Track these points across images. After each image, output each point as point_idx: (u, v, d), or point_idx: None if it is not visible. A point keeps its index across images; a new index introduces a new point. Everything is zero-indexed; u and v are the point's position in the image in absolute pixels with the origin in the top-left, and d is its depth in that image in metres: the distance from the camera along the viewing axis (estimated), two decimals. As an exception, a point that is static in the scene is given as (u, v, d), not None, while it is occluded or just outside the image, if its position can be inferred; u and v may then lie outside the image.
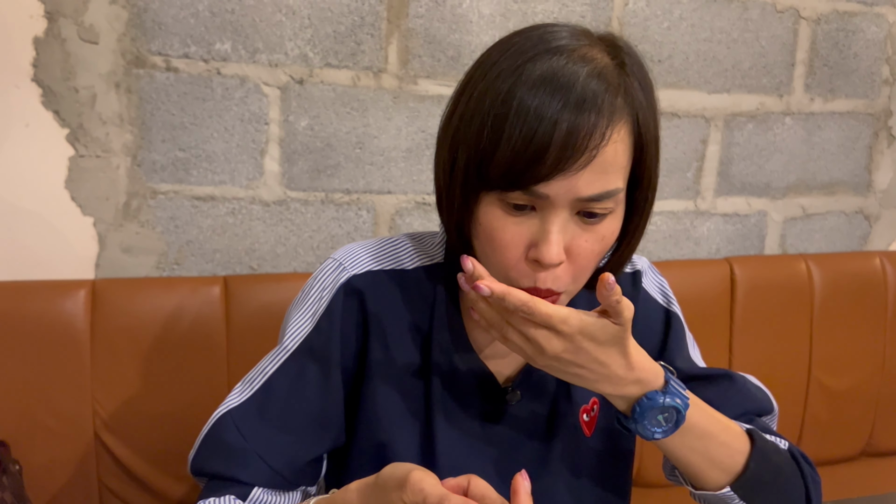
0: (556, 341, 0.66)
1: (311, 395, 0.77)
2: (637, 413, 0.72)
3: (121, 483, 1.29)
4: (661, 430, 0.73)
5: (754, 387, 0.89)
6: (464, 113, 0.69)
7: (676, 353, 0.87)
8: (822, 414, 1.74)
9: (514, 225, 0.67)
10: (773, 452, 0.81)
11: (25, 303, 1.24)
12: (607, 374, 0.69)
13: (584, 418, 0.86)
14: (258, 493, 0.74)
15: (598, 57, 0.66)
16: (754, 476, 0.78)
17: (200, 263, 1.39)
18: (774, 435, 0.86)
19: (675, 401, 0.71)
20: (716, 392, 0.85)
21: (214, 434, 0.76)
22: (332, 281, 0.79)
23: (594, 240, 0.68)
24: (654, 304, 0.88)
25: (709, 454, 0.77)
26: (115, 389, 1.27)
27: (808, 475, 0.83)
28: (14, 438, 1.21)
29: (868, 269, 1.76)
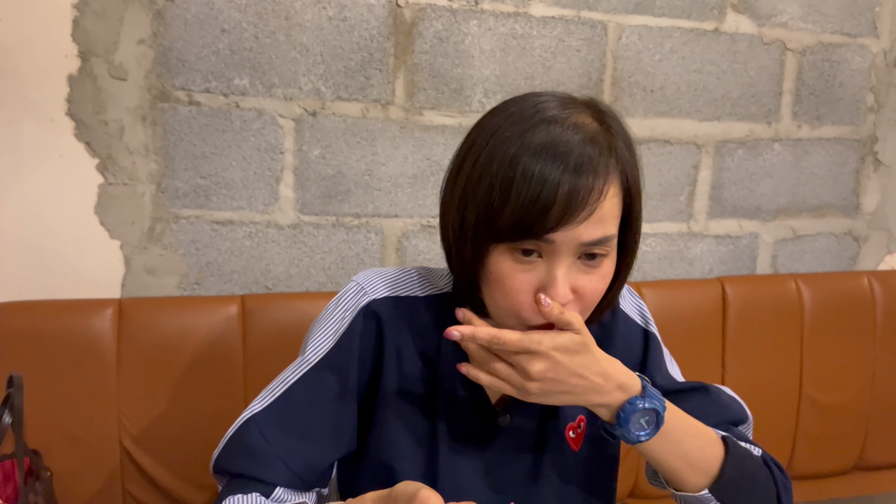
0: (537, 362, 0.74)
1: (328, 406, 0.85)
2: (621, 419, 0.79)
3: (144, 490, 1.37)
4: (645, 433, 0.80)
5: (729, 398, 0.96)
6: (471, 174, 0.77)
7: (655, 371, 0.95)
8: (814, 429, 1.80)
9: (523, 273, 0.75)
10: (747, 458, 0.88)
11: (57, 320, 1.33)
12: (589, 386, 0.77)
13: (570, 435, 0.93)
14: (279, 492, 0.82)
15: (587, 123, 0.75)
16: (730, 479, 0.85)
17: (219, 283, 1.48)
18: (748, 442, 0.93)
19: (654, 403, 0.79)
20: (693, 404, 0.92)
21: (239, 437, 0.84)
22: (355, 304, 0.87)
23: (597, 280, 0.77)
24: (633, 325, 0.96)
25: (687, 458, 0.84)
26: (140, 402, 1.36)
27: (780, 480, 0.90)
28: (46, 447, 1.29)
29: (857, 289, 1.83)
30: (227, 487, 0.83)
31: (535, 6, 1.56)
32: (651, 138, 1.70)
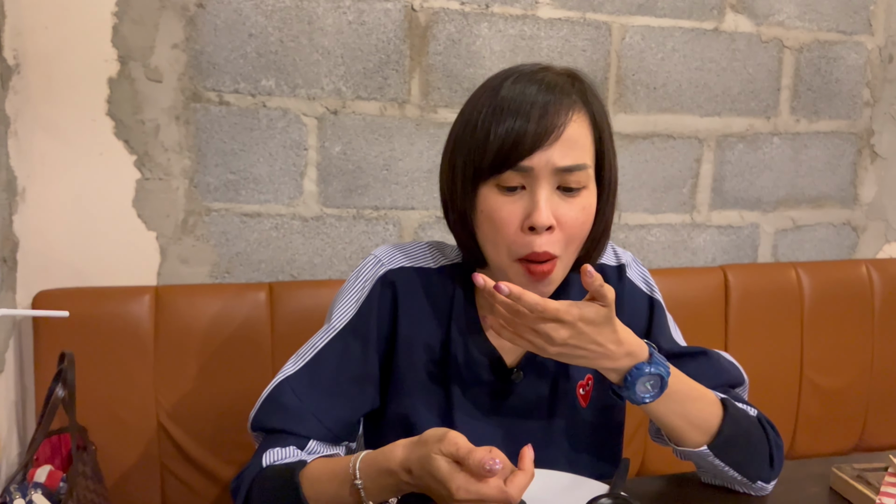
0: (563, 330, 0.82)
1: (353, 367, 0.95)
2: (628, 382, 0.88)
3: (178, 464, 1.46)
4: (650, 395, 0.89)
5: (727, 362, 1.05)
6: (459, 132, 0.91)
7: (660, 335, 1.03)
8: (814, 411, 1.87)
9: (509, 204, 0.86)
10: (743, 418, 0.96)
11: (99, 306, 1.43)
12: (604, 352, 0.86)
13: (580, 392, 1.02)
14: (313, 444, 0.91)
15: (556, 73, 0.90)
16: (727, 437, 0.93)
17: (248, 272, 1.58)
18: (745, 403, 1.01)
19: (660, 368, 0.87)
20: (694, 367, 1.00)
21: (274, 396, 0.93)
22: (373, 274, 0.97)
23: (577, 210, 0.87)
24: (639, 293, 1.04)
25: (688, 417, 0.92)
26: (175, 382, 1.45)
27: (773, 439, 0.98)
28: (90, 424, 1.39)
29: (855, 276, 1.90)
30: (265, 442, 0.92)
31: (543, 8, 1.65)
32: (654, 133, 1.78)
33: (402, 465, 0.77)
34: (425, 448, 0.76)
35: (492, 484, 0.72)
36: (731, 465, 0.94)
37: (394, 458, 0.78)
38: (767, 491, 0.97)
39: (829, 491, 0.99)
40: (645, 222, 1.82)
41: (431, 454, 0.74)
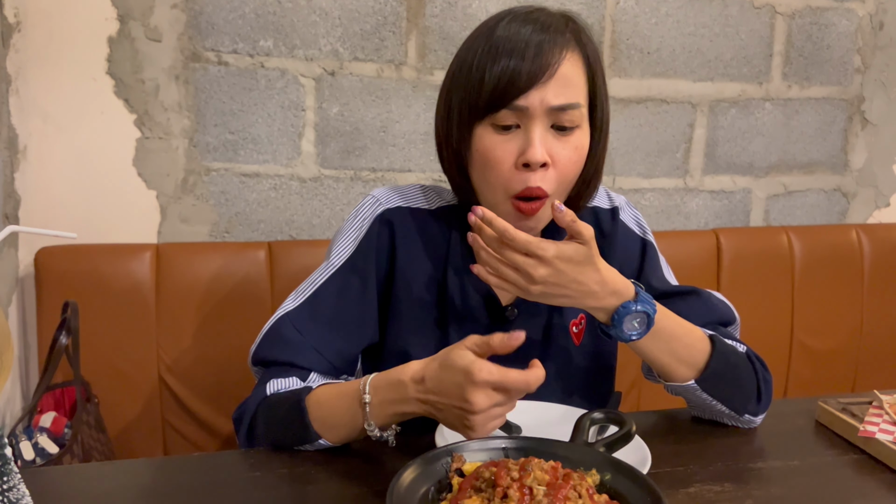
0: (541, 268, 0.84)
1: (352, 302, 0.97)
2: (615, 320, 0.90)
3: (179, 418, 1.49)
4: (637, 333, 0.91)
5: (719, 300, 1.07)
6: (454, 72, 0.93)
7: (652, 275, 1.06)
8: (804, 372, 1.91)
9: (504, 143, 0.88)
10: (732, 354, 0.99)
11: (100, 263, 1.45)
12: (587, 291, 0.88)
13: (573, 330, 1.05)
14: (314, 376, 0.94)
15: (554, 13, 0.92)
16: (714, 372, 0.95)
17: (247, 232, 1.60)
18: (735, 340, 1.04)
19: (646, 307, 0.90)
20: (686, 305, 1.03)
21: (274, 331, 0.96)
22: (371, 213, 0.99)
23: (570, 150, 0.89)
24: (631, 235, 1.07)
25: (675, 353, 0.95)
26: (176, 338, 1.48)
27: (761, 374, 1.01)
28: (93, 378, 1.41)
29: (845, 241, 1.93)
30: (267, 373, 0.94)
31: (538, -28, 1.67)
32: (648, 98, 1.80)
33: (415, 375, 0.80)
34: (447, 351, 0.79)
35: (512, 370, 0.75)
36: (719, 399, 0.97)
37: (407, 370, 0.81)
38: (755, 424, 1.00)
39: (814, 424, 1.02)
40: (638, 186, 1.85)
41: (456, 348, 0.77)
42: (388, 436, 0.85)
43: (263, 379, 0.94)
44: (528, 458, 0.64)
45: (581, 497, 0.60)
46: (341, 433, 0.87)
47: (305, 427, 0.86)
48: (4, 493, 0.53)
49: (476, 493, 0.61)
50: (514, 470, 0.62)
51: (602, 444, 0.71)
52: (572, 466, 0.66)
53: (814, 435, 0.99)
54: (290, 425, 0.87)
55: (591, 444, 0.72)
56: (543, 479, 0.61)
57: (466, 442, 0.69)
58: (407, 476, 0.64)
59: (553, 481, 0.61)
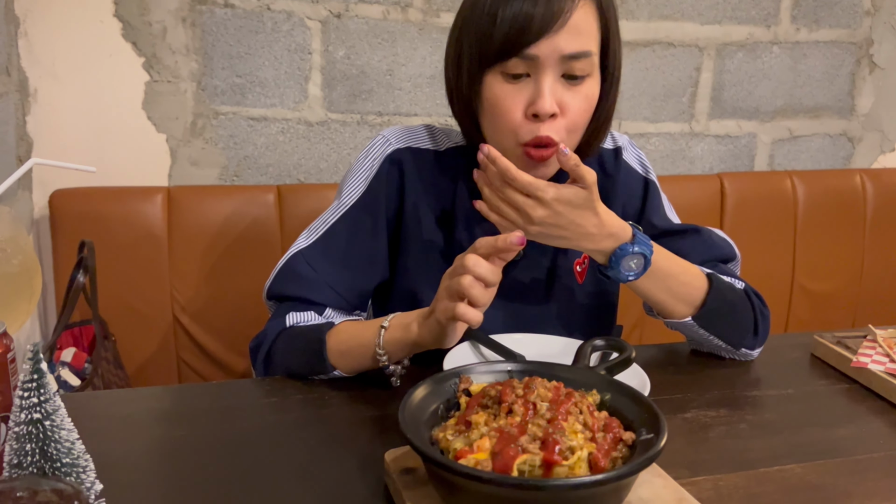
0: (540, 209, 0.86)
1: (364, 240, 1.00)
2: (613, 262, 0.93)
3: (194, 357, 1.53)
4: (634, 274, 0.94)
5: (719, 238, 1.09)
6: (466, 17, 0.91)
7: (653, 214, 1.08)
8: (804, 315, 1.94)
9: (514, 92, 0.88)
10: (729, 290, 1.02)
11: (113, 205, 1.48)
12: (584, 233, 0.90)
13: (576, 269, 1.08)
14: (330, 312, 0.97)
15: None
16: (711, 309, 0.98)
17: (256, 176, 1.62)
18: (734, 277, 1.06)
19: (643, 248, 0.92)
20: (686, 243, 1.05)
21: (289, 267, 0.99)
22: (381, 152, 1.01)
23: (580, 98, 0.89)
24: (634, 174, 1.09)
25: (673, 292, 0.97)
26: (189, 279, 1.51)
27: (758, 309, 1.04)
28: (110, 317, 1.45)
29: (849, 185, 1.95)
30: (282, 308, 0.98)
31: (545, -88, 1.64)
32: (655, 41, 1.80)
33: (427, 308, 0.84)
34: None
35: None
36: (716, 334, 1.00)
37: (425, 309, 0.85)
38: (752, 357, 1.04)
39: (810, 357, 1.05)
40: (644, 131, 1.85)
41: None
42: (397, 370, 0.89)
43: (280, 312, 0.97)
44: (532, 377, 0.68)
45: (582, 413, 0.64)
46: (354, 364, 0.90)
47: (322, 359, 0.89)
48: (42, 403, 0.56)
49: (483, 410, 0.65)
50: (518, 388, 0.65)
51: (603, 367, 0.74)
52: (574, 387, 0.69)
53: (808, 367, 1.02)
54: (308, 356, 0.90)
55: (592, 367, 0.75)
56: (546, 396, 0.64)
57: (473, 364, 0.73)
58: (418, 394, 0.67)
59: (556, 398, 0.64)
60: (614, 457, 0.62)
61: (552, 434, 0.59)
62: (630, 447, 0.63)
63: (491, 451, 0.59)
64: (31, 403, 0.55)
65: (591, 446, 0.60)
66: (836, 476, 0.74)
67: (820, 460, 0.77)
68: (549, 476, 0.57)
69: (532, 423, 0.61)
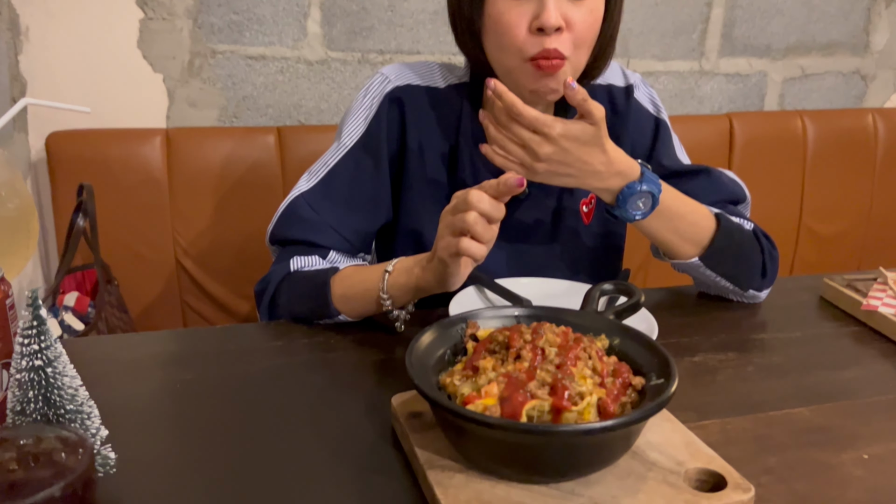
0: (546, 146, 0.84)
1: (366, 181, 0.98)
2: (620, 200, 0.91)
3: (197, 300, 1.53)
4: (641, 213, 0.92)
5: (729, 179, 1.07)
6: None
7: (663, 154, 1.06)
8: (810, 257, 1.93)
9: (517, 6, 0.86)
10: (737, 231, 1.00)
11: (111, 147, 1.46)
12: (592, 171, 0.87)
13: (583, 210, 1.06)
14: (334, 255, 0.96)
15: None
16: (718, 249, 0.97)
17: (255, 117, 1.59)
18: (744, 219, 1.05)
19: (651, 186, 0.90)
20: (695, 184, 1.03)
21: (291, 210, 0.97)
22: (380, 91, 0.98)
23: (585, 13, 0.86)
24: (645, 113, 1.06)
25: (680, 232, 0.96)
26: (191, 222, 1.50)
27: (767, 251, 1.02)
28: (113, 261, 1.44)
29: (860, 125, 1.91)
30: (286, 252, 0.97)
31: None
32: (665, -26, 1.73)
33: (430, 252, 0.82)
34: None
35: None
36: (723, 275, 0.99)
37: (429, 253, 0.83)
38: (760, 299, 1.03)
39: (818, 300, 1.04)
40: (652, 69, 1.81)
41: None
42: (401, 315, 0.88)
43: (283, 256, 0.96)
44: (540, 323, 0.67)
45: (591, 358, 0.63)
46: (359, 309, 0.89)
47: (327, 304, 0.89)
48: (43, 350, 0.55)
49: (490, 355, 0.64)
50: (526, 333, 0.64)
51: (611, 312, 0.73)
52: (582, 332, 0.68)
53: (817, 310, 1.02)
54: (313, 301, 0.90)
55: (600, 312, 0.74)
56: (555, 341, 0.63)
57: (481, 309, 0.72)
58: (425, 339, 0.66)
59: (564, 343, 0.64)
60: (623, 402, 0.61)
61: (561, 380, 0.58)
62: (639, 392, 0.62)
63: (499, 396, 0.58)
64: (32, 350, 0.55)
65: (601, 392, 0.59)
66: (843, 418, 0.74)
67: (828, 403, 0.76)
68: (558, 422, 0.57)
69: (541, 368, 0.60)
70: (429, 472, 0.59)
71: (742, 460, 0.65)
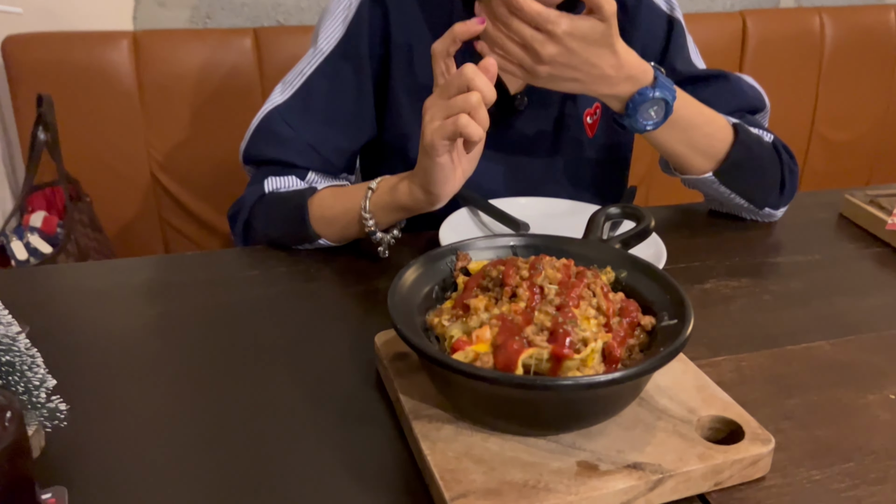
0: (550, 45, 0.74)
1: (346, 93, 0.88)
2: (630, 109, 0.81)
3: (177, 217, 1.45)
4: (653, 123, 0.83)
5: (748, 86, 0.98)
6: None
7: (677, 57, 0.96)
8: (820, 166, 1.85)
9: None
10: (756, 143, 0.91)
11: (74, 52, 1.34)
12: (600, 75, 0.78)
13: (587, 121, 0.97)
14: (313, 176, 0.87)
15: None
16: (735, 163, 0.89)
17: (230, 17, 1.46)
18: (762, 129, 0.96)
19: (664, 93, 0.81)
20: (712, 91, 0.94)
21: (265, 126, 0.88)
22: None
23: None
24: (657, 12, 0.95)
25: (693, 144, 0.87)
26: (165, 133, 1.40)
27: (786, 164, 0.94)
28: (83, 176, 1.36)
29: (882, 23, 1.78)
30: (262, 172, 0.88)
31: None
32: None
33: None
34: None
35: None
36: (738, 191, 0.91)
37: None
38: (776, 218, 0.96)
39: (837, 217, 0.97)
40: (661, -39, 1.66)
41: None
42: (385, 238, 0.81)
43: (258, 177, 0.88)
44: (539, 255, 0.60)
45: (595, 296, 0.56)
46: (341, 231, 0.82)
47: (305, 226, 0.81)
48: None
49: (483, 293, 0.57)
50: (523, 268, 0.57)
51: (617, 240, 0.66)
52: (585, 264, 0.61)
53: (836, 228, 0.95)
54: (290, 224, 0.82)
55: (605, 240, 0.67)
56: (555, 277, 0.56)
57: (472, 240, 0.64)
58: (409, 275, 0.59)
59: (565, 280, 0.57)
60: (631, 345, 0.55)
61: (562, 324, 0.51)
62: (649, 333, 0.56)
63: (492, 342, 0.51)
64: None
65: (606, 336, 0.52)
66: (867, 353, 0.68)
67: (851, 335, 0.70)
68: (558, 370, 0.51)
69: (539, 310, 0.53)
70: (414, 424, 0.54)
71: (759, 403, 0.59)
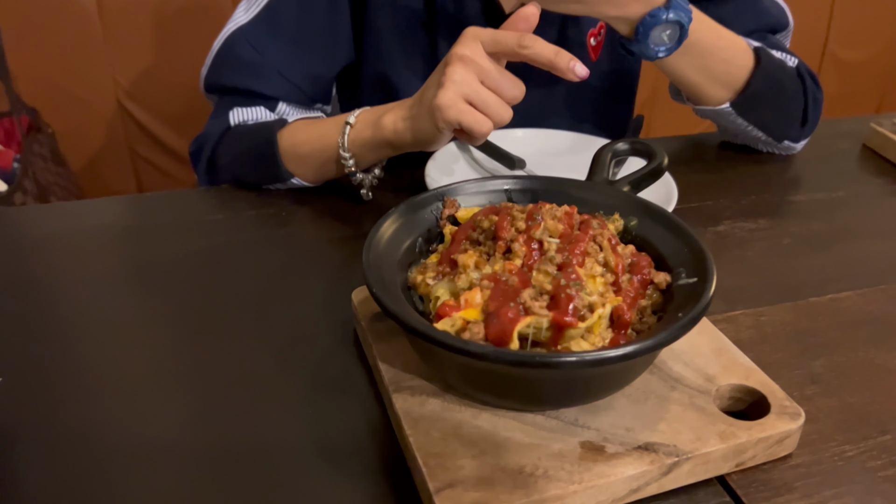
0: None
1: (319, 10, 0.79)
2: (640, 33, 0.72)
3: (148, 148, 1.37)
4: (665, 49, 0.74)
5: (771, 2, 0.88)
6: None
7: (691, -26, 0.85)
8: (832, 87, 1.74)
9: None
10: (778, 70, 0.82)
11: (23, -33, 1.22)
12: None
13: (590, 42, 0.87)
14: (283, 107, 0.79)
15: None
16: (755, 93, 0.80)
17: (196, -74, 1.33)
18: (785, 52, 0.87)
19: (679, 14, 0.71)
20: (730, 9, 0.84)
21: (227, 50, 0.78)
22: None
23: None
24: (671, -85, 0.84)
25: (710, 71, 0.78)
26: (130, 58, 1.30)
27: (811, 92, 0.85)
28: (43, 105, 1.26)
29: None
30: (226, 102, 0.80)
31: None
32: None
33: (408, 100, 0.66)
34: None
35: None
36: (756, 123, 0.83)
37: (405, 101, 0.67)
38: (795, 151, 0.88)
39: (861, 148, 0.89)
40: None
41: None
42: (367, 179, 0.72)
43: (221, 108, 0.79)
44: (538, 203, 0.52)
45: (602, 250, 0.49)
46: (316, 170, 0.74)
47: (275, 164, 0.73)
48: None
49: (473, 247, 0.50)
50: (519, 219, 0.49)
51: (626, 181, 0.58)
52: (590, 210, 0.54)
53: (860, 161, 0.87)
54: (259, 161, 0.74)
55: (612, 181, 0.59)
56: (556, 229, 0.49)
57: (461, 183, 0.56)
58: (388, 226, 0.52)
59: (567, 232, 0.49)
60: (642, 306, 0.48)
61: (564, 287, 0.44)
62: (663, 292, 0.49)
63: (483, 309, 0.44)
64: None
65: (616, 300, 0.45)
66: (899, 305, 0.61)
67: (881, 284, 0.63)
68: (560, 339, 0.44)
69: (538, 269, 0.46)
70: (395, 397, 0.47)
71: (782, 365, 0.53)
